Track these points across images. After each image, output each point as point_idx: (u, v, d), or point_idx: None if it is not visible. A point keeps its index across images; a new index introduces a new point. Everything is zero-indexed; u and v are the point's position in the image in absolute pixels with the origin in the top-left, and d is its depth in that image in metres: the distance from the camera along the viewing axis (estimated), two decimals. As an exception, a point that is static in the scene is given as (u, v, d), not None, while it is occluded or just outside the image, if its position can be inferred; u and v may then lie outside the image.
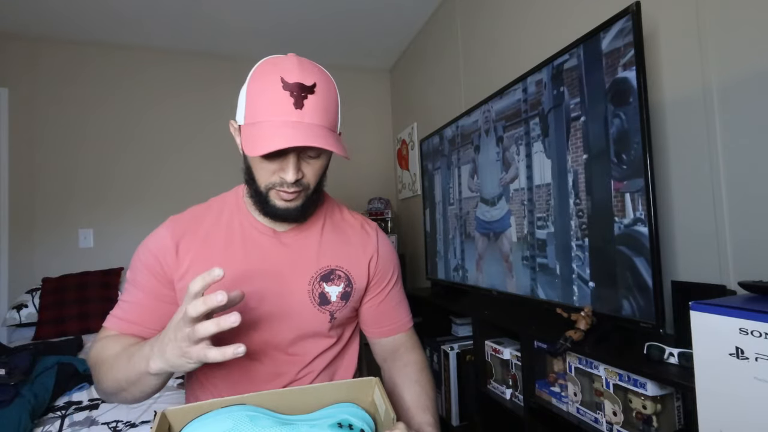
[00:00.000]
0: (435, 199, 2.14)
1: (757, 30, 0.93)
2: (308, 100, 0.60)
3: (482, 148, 1.66)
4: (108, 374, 0.61)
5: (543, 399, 1.21)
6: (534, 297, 1.37)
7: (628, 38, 1.00)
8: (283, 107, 0.59)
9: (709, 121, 1.03)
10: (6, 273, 2.45)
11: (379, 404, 0.57)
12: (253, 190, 0.68)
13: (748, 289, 0.68)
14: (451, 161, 1.93)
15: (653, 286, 0.95)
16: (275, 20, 2.52)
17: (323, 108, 0.62)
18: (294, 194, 0.66)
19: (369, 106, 3.35)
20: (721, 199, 1.01)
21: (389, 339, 0.83)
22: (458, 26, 2.26)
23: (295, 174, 0.63)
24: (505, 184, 1.51)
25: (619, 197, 1.04)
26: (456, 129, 1.88)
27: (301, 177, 0.65)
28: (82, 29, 2.50)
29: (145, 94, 2.76)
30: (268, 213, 0.69)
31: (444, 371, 1.75)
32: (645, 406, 0.91)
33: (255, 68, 0.64)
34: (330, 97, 0.64)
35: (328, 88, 0.64)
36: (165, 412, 0.49)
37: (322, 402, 0.57)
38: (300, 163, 0.64)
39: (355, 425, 0.51)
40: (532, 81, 1.36)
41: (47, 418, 1.19)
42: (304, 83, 0.60)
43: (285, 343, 0.73)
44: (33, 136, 2.53)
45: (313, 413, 0.56)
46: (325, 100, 0.63)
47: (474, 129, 1.72)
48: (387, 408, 0.53)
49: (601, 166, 1.10)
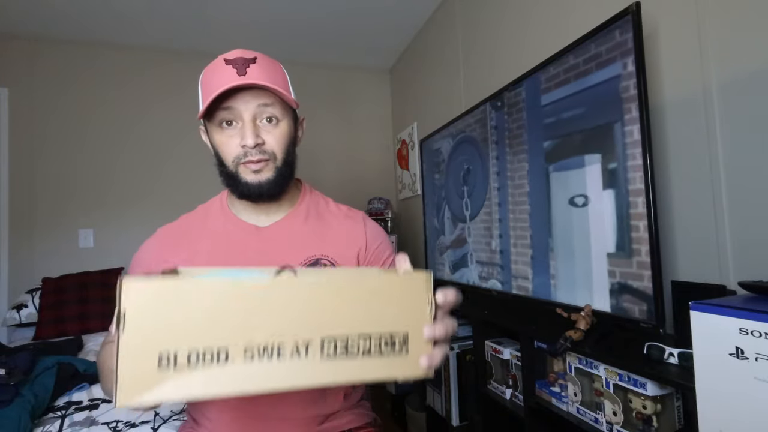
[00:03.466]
0: (434, 200, 2.14)
1: (757, 30, 0.93)
2: (251, 69, 0.65)
3: (478, 152, 1.66)
4: (107, 377, 0.61)
5: (543, 399, 1.21)
6: (534, 297, 1.37)
7: (627, 38, 1.00)
8: (228, 77, 0.64)
9: (709, 121, 1.03)
10: (6, 273, 2.45)
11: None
12: (225, 174, 0.71)
13: (748, 289, 0.68)
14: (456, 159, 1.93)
15: (653, 286, 0.95)
16: (275, 20, 2.52)
17: (267, 73, 0.66)
18: (260, 162, 0.68)
19: (369, 106, 3.34)
20: (721, 199, 1.01)
21: None
22: (458, 26, 2.26)
23: (252, 136, 0.66)
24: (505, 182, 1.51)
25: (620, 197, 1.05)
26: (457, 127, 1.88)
27: (262, 143, 0.67)
28: (82, 29, 2.50)
29: (145, 94, 2.76)
30: (242, 193, 0.71)
31: (444, 371, 1.75)
32: (645, 406, 0.91)
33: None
34: (274, 68, 0.69)
35: (271, 62, 0.69)
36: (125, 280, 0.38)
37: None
38: (258, 129, 0.67)
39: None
40: (528, 85, 1.36)
41: (47, 418, 1.19)
42: (245, 57, 0.66)
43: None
44: (33, 136, 2.53)
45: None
46: (270, 69, 0.67)
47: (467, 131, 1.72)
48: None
49: (601, 166, 1.10)
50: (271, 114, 0.68)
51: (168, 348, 0.37)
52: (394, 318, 0.43)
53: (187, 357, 0.37)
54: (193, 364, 0.37)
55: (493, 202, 1.59)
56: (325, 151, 3.11)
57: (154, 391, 0.36)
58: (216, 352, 0.38)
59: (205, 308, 0.38)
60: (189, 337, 0.38)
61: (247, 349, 0.38)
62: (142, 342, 0.37)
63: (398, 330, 0.42)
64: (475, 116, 1.71)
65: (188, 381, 0.37)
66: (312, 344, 0.40)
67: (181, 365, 0.37)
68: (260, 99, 0.67)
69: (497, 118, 1.56)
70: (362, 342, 0.41)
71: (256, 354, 0.38)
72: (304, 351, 0.39)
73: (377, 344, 0.42)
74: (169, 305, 0.38)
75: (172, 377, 0.37)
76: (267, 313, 0.39)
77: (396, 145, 3.24)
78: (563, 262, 1.23)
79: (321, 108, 3.14)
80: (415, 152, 2.83)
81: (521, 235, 1.43)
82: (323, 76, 3.19)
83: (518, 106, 1.43)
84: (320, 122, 3.11)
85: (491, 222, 1.61)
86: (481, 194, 1.67)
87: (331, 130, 3.17)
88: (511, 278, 1.50)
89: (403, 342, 0.42)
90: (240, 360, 0.38)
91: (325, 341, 0.40)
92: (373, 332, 0.42)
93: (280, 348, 0.39)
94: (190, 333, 0.38)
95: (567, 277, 1.22)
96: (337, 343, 0.40)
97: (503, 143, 1.52)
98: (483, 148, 1.66)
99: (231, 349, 0.38)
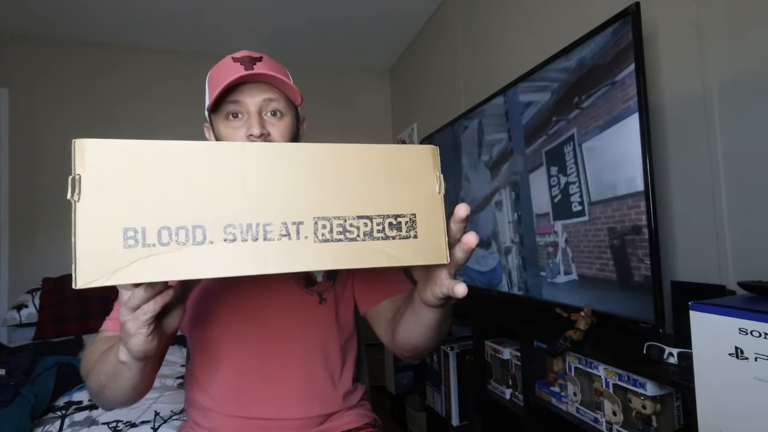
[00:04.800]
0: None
1: (757, 30, 0.93)
2: (257, 65, 0.68)
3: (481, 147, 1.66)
4: (92, 370, 0.59)
5: (543, 399, 1.21)
6: (534, 297, 1.37)
7: (627, 38, 1.00)
8: (236, 71, 0.66)
9: (709, 121, 1.03)
10: (6, 273, 2.45)
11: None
12: None
13: (747, 289, 0.68)
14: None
15: (653, 286, 0.95)
16: (275, 21, 2.52)
17: (273, 69, 0.69)
18: None
19: (369, 106, 3.34)
20: (721, 199, 1.01)
21: (387, 302, 0.76)
22: (458, 26, 2.26)
23: (258, 126, 0.67)
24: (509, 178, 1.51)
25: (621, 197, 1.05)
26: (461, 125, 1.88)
27: (267, 134, 0.69)
28: (83, 29, 2.50)
29: (146, 94, 2.76)
30: None
31: (444, 371, 1.75)
32: (645, 405, 0.91)
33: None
34: (279, 66, 0.72)
35: (276, 62, 0.73)
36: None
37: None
38: (263, 121, 0.69)
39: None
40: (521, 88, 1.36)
41: (47, 418, 1.19)
42: (252, 55, 0.70)
43: (276, 332, 0.74)
44: (33, 136, 2.53)
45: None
46: (275, 66, 0.71)
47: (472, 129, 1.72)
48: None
49: (601, 166, 1.10)
50: (275, 108, 0.71)
51: (134, 223, 0.32)
52: (397, 198, 0.37)
53: (157, 234, 0.32)
54: (166, 242, 0.32)
55: (494, 202, 1.60)
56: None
57: (120, 272, 0.32)
58: (191, 229, 0.33)
59: (176, 176, 0.33)
60: (160, 211, 0.33)
61: (227, 227, 0.34)
62: (102, 213, 0.32)
63: (404, 211, 0.37)
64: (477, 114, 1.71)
65: (159, 262, 0.32)
66: (304, 225, 0.35)
67: (150, 243, 0.32)
68: (266, 94, 0.70)
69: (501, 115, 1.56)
70: (362, 224, 0.36)
71: (239, 234, 0.34)
72: (295, 232, 0.35)
73: (380, 227, 0.36)
74: (134, 171, 0.33)
75: (141, 257, 0.32)
76: (249, 188, 0.35)
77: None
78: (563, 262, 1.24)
79: (321, 108, 3.14)
80: (415, 152, 2.83)
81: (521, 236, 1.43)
82: (323, 76, 3.19)
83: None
84: (320, 122, 3.10)
85: (493, 220, 1.61)
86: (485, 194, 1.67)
87: (331, 130, 3.17)
88: (511, 278, 1.50)
89: (410, 224, 0.37)
90: (220, 240, 0.33)
91: (318, 222, 0.35)
92: (373, 214, 0.37)
93: (266, 228, 0.34)
94: (160, 205, 0.33)
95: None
96: (332, 224, 0.36)
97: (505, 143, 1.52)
98: (484, 147, 1.66)
99: (209, 228, 0.33)
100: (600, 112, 1.10)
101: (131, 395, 0.56)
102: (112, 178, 0.33)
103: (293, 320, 0.74)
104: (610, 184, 1.08)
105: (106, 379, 0.55)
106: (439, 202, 0.38)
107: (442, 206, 0.38)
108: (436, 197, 0.38)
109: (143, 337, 0.43)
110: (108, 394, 0.57)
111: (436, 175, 0.39)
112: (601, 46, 1.09)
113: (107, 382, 0.55)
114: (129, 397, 0.57)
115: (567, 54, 1.21)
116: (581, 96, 1.16)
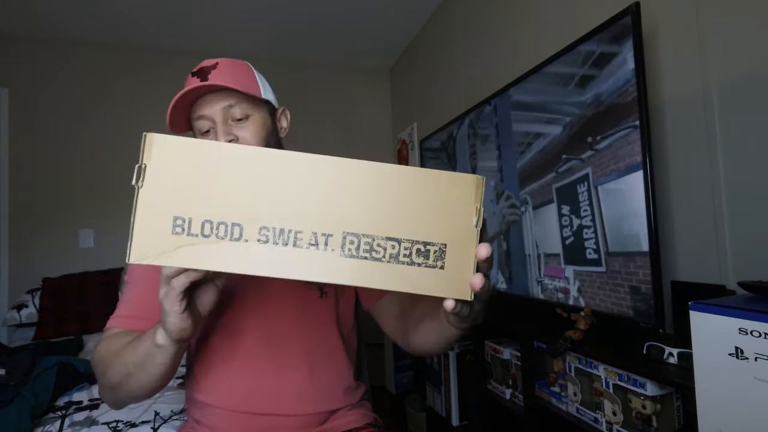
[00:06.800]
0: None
1: (757, 30, 0.93)
2: (212, 74, 0.68)
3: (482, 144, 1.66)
4: (115, 362, 0.59)
5: (543, 399, 1.21)
6: (534, 297, 1.37)
7: (627, 38, 1.00)
8: (190, 85, 0.67)
9: (709, 121, 1.03)
10: (6, 273, 2.45)
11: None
12: None
13: (747, 289, 0.68)
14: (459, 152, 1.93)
15: (653, 286, 0.95)
16: (275, 21, 2.51)
17: (228, 75, 0.68)
18: None
19: (369, 106, 3.34)
20: (721, 199, 1.01)
21: (391, 296, 0.76)
22: (458, 26, 2.26)
23: (224, 135, 0.68)
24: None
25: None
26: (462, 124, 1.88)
27: (235, 139, 0.69)
28: (83, 29, 2.50)
29: (146, 94, 2.76)
30: None
31: (444, 371, 1.75)
32: (645, 406, 0.91)
33: None
34: (236, 67, 0.72)
35: (234, 63, 0.72)
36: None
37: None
38: (229, 128, 0.69)
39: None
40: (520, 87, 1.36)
41: (47, 418, 1.19)
42: (206, 66, 0.69)
43: (276, 326, 0.74)
44: (33, 136, 2.53)
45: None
46: (231, 70, 0.70)
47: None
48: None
49: (600, 167, 1.10)
50: (239, 113, 0.70)
51: (183, 213, 0.36)
52: (431, 225, 0.36)
53: (201, 226, 0.36)
54: (207, 234, 0.36)
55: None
56: (324, 151, 3.05)
57: (165, 255, 0.35)
58: (230, 226, 0.36)
59: (225, 175, 0.36)
60: (206, 205, 0.36)
61: (262, 229, 0.36)
62: (159, 201, 0.36)
63: (435, 240, 0.36)
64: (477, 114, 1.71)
65: (199, 252, 0.36)
66: (333, 238, 0.36)
67: (194, 233, 0.36)
68: (224, 101, 0.69)
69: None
70: (390, 246, 0.36)
71: (271, 237, 0.36)
72: (323, 243, 0.36)
73: (407, 251, 0.36)
74: (190, 166, 0.36)
75: (184, 244, 0.35)
76: (289, 195, 0.36)
77: (396, 145, 3.24)
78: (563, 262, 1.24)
79: (321, 108, 3.14)
80: (415, 152, 2.83)
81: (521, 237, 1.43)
82: (323, 77, 3.19)
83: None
84: (320, 122, 3.11)
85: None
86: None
87: (331, 130, 3.17)
88: (512, 278, 1.50)
89: (439, 254, 0.36)
90: (254, 240, 0.36)
91: (347, 237, 0.36)
92: (403, 237, 0.36)
93: (297, 235, 0.36)
94: (208, 201, 0.36)
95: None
96: (360, 241, 0.36)
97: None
98: (489, 144, 1.66)
99: (246, 227, 0.36)
100: (620, 155, 1.03)
101: (158, 383, 0.58)
102: (172, 170, 0.36)
103: (294, 313, 0.75)
104: (633, 235, 1.00)
105: (134, 367, 0.56)
106: (473, 235, 0.37)
107: (476, 240, 0.37)
108: (471, 230, 0.37)
109: (177, 314, 0.45)
110: (133, 383, 0.58)
111: (476, 207, 0.37)
112: (623, 82, 1.02)
113: (135, 370, 0.56)
114: (156, 384, 0.59)
115: (567, 54, 1.21)
116: (595, 136, 1.10)
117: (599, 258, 1.10)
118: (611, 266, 1.07)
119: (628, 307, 1.02)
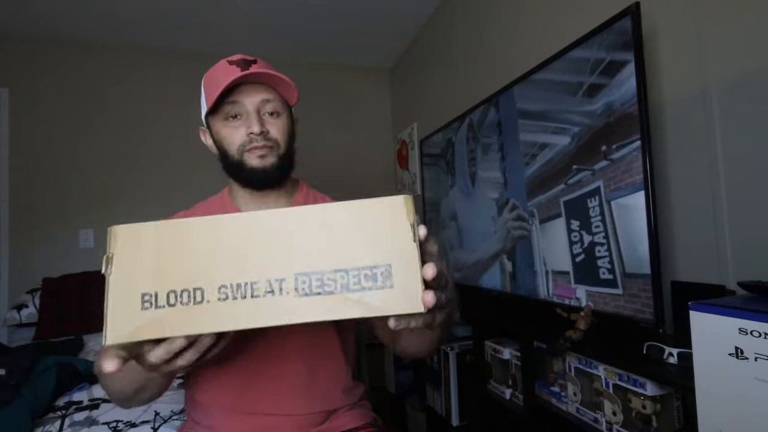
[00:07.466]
0: (434, 199, 2.14)
1: (757, 30, 0.93)
2: (253, 67, 0.70)
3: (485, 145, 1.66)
4: (123, 378, 0.58)
5: (543, 399, 1.21)
6: (534, 297, 1.37)
7: (627, 38, 1.00)
8: (232, 74, 0.68)
9: (709, 122, 1.03)
10: (6, 273, 2.45)
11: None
12: (229, 163, 0.75)
13: (747, 289, 0.68)
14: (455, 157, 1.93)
15: (653, 286, 0.95)
16: (275, 20, 2.51)
17: (269, 69, 0.71)
18: (265, 149, 0.72)
19: (369, 106, 3.34)
20: (721, 199, 1.01)
21: None
22: (458, 26, 2.26)
23: (258, 124, 0.70)
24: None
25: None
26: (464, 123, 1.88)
27: (267, 132, 0.72)
28: (83, 29, 2.50)
29: (146, 94, 2.76)
30: (247, 179, 0.75)
31: (444, 371, 1.75)
32: (645, 406, 0.91)
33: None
34: (273, 69, 0.72)
35: (269, 65, 0.74)
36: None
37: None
38: (262, 120, 0.72)
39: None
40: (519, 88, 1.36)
41: (47, 418, 1.19)
42: (246, 58, 0.72)
43: (275, 329, 0.73)
44: (33, 136, 2.53)
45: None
46: (270, 67, 0.72)
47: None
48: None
49: (601, 168, 1.10)
50: (273, 108, 0.73)
51: (150, 289, 0.39)
52: (374, 250, 0.39)
53: (166, 297, 0.39)
54: (173, 304, 0.39)
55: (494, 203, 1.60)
56: (324, 151, 3.10)
57: (137, 330, 0.39)
58: (192, 291, 0.39)
59: (184, 247, 0.40)
60: (169, 278, 0.39)
61: (221, 287, 0.39)
62: (127, 283, 0.40)
63: (379, 262, 0.39)
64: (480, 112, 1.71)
65: (168, 320, 0.38)
66: (285, 282, 0.39)
67: (161, 305, 0.39)
68: (262, 94, 0.72)
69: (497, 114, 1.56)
70: (339, 277, 0.38)
71: (230, 293, 0.39)
72: (278, 288, 0.38)
73: (356, 278, 0.38)
74: (151, 247, 0.40)
75: (153, 317, 0.39)
76: (242, 251, 0.40)
77: (396, 145, 3.24)
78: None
79: (321, 108, 3.13)
80: (415, 152, 2.83)
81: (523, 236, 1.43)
82: (323, 76, 3.19)
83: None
84: (320, 122, 3.11)
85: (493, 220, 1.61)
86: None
87: (330, 130, 3.17)
88: (512, 278, 1.50)
89: (386, 275, 0.38)
90: (214, 299, 0.38)
91: (298, 278, 0.39)
92: (349, 267, 0.39)
93: (253, 285, 0.39)
94: (170, 274, 0.39)
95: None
96: (311, 279, 0.38)
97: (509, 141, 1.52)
98: (490, 146, 1.66)
99: (206, 289, 0.39)
100: (635, 167, 0.98)
101: (159, 395, 0.64)
102: (135, 254, 0.40)
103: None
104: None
105: (133, 393, 0.61)
106: (413, 251, 0.39)
107: (417, 255, 0.39)
108: (410, 246, 0.39)
109: (175, 375, 0.50)
110: (142, 395, 0.63)
111: (410, 224, 0.39)
112: (632, 94, 0.99)
113: (135, 395, 0.61)
114: (166, 388, 0.64)
115: (566, 54, 1.21)
116: (610, 145, 1.05)
117: (615, 279, 1.04)
118: (629, 289, 1.00)
119: (628, 307, 1.02)
